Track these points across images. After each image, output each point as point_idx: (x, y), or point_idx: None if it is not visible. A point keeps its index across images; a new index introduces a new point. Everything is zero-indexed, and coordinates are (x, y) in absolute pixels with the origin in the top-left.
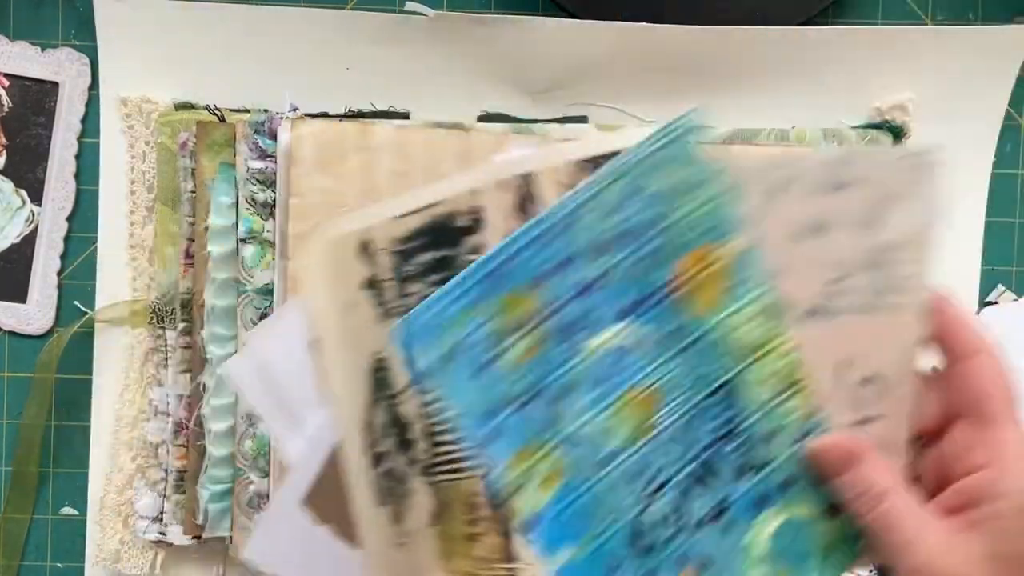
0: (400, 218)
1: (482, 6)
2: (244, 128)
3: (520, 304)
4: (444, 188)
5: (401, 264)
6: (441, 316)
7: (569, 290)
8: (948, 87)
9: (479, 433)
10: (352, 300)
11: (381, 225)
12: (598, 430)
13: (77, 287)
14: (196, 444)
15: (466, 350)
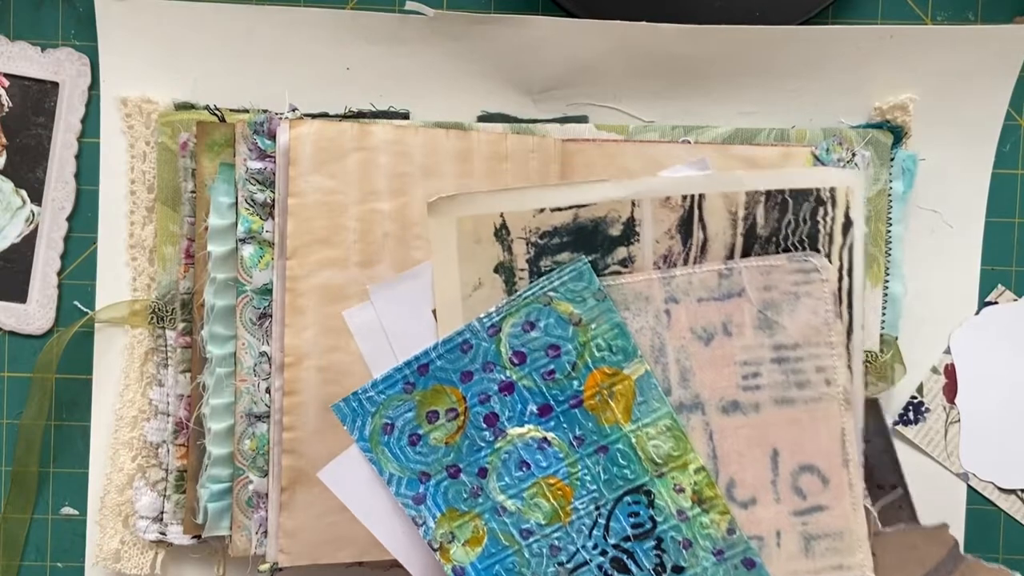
0: (544, 211)
1: (482, 6)
2: (244, 128)
3: (446, 394)
4: (596, 190)
5: (539, 257)
6: (377, 398)
7: (491, 387)
8: (948, 87)
9: (412, 492)
10: (481, 280)
11: (523, 213)
12: (519, 506)
13: (77, 287)
14: (196, 444)
15: (400, 426)
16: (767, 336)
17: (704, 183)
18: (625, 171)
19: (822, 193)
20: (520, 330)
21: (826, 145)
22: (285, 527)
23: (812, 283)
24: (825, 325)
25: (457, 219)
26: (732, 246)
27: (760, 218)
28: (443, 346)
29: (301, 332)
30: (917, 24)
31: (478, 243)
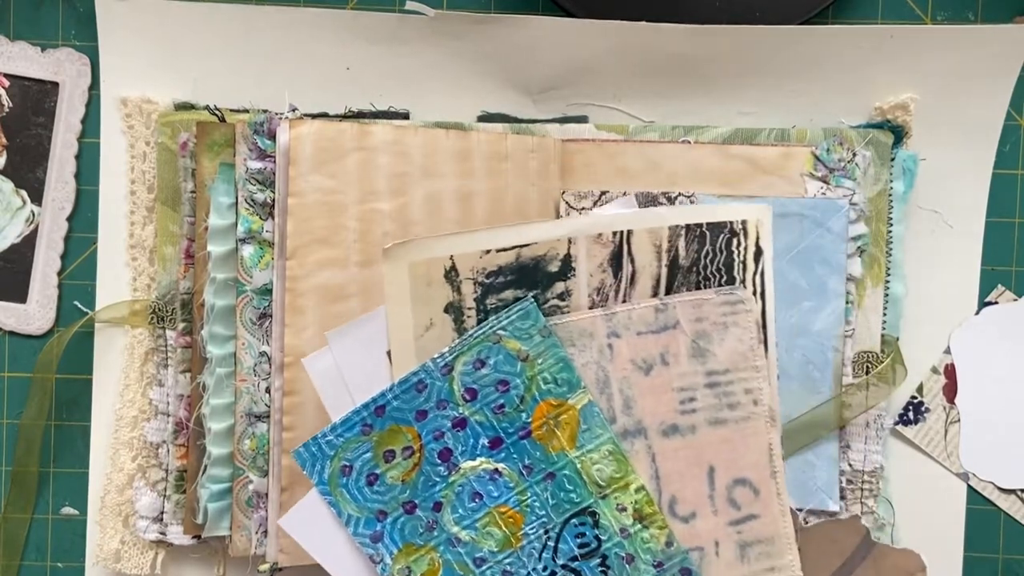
0: (490, 252)
1: (482, 6)
2: (244, 128)
3: (402, 433)
4: (536, 231)
5: (485, 296)
6: (335, 441)
7: (445, 423)
8: (948, 87)
9: (369, 531)
10: (432, 320)
11: (470, 255)
12: (472, 536)
13: (77, 287)
14: (196, 444)
15: (358, 467)
16: (700, 364)
17: (631, 220)
18: (625, 171)
19: (735, 225)
20: (471, 368)
21: (826, 145)
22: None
23: (738, 313)
24: (751, 351)
25: (410, 264)
26: (658, 276)
27: (682, 250)
28: (399, 387)
29: (301, 332)
30: (917, 24)
31: (429, 285)
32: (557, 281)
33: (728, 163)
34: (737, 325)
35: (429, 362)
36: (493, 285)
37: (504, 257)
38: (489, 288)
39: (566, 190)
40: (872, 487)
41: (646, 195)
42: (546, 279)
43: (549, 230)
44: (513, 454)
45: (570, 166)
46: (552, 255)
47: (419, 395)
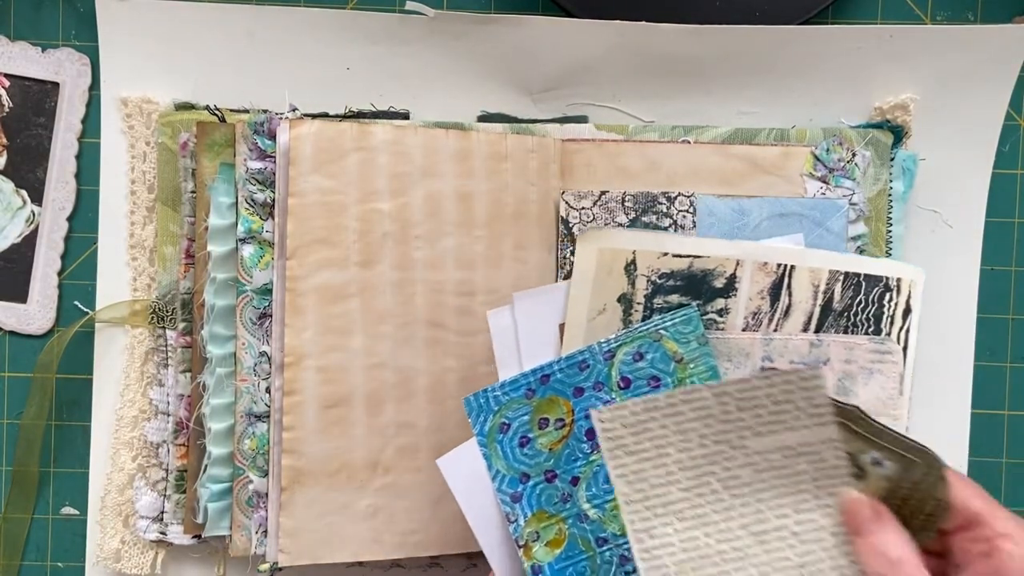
0: (667, 255)
1: (482, 6)
2: (244, 128)
3: (559, 404)
4: (712, 246)
5: (654, 295)
6: (502, 398)
7: (597, 404)
8: (948, 87)
9: (511, 490)
10: (606, 306)
11: (651, 253)
12: (600, 516)
13: (77, 287)
14: (196, 443)
15: (515, 427)
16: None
17: (797, 256)
18: (625, 171)
19: (890, 281)
20: (631, 359)
21: (826, 145)
22: (285, 527)
23: (885, 363)
24: (891, 400)
25: (598, 249)
26: (811, 314)
27: (837, 294)
28: (565, 361)
29: (301, 332)
30: (917, 24)
31: (610, 274)
32: (719, 297)
33: (728, 163)
34: (882, 373)
35: (595, 345)
36: (663, 287)
37: (678, 263)
38: (659, 288)
39: (566, 190)
40: None
41: (646, 195)
42: (710, 292)
43: (723, 248)
44: None
45: (570, 166)
46: (720, 271)
47: (581, 373)
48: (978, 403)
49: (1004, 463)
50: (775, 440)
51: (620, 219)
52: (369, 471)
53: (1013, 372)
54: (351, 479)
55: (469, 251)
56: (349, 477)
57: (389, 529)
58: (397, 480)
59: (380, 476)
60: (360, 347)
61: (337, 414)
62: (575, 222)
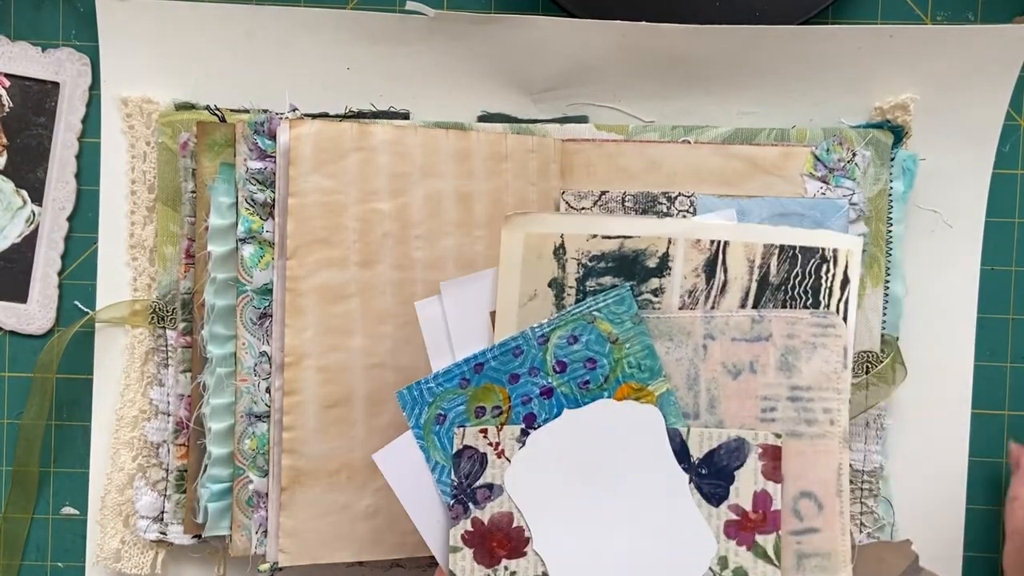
0: (597, 237)
1: (482, 6)
2: (244, 128)
3: (495, 392)
4: (641, 225)
5: (586, 277)
6: (436, 389)
7: (533, 390)
8: (948, 87)
9: (451, 481)
10: (536, 291)
11: (579, 236)
12: None
13: (77, 287)
14: (196, 443)
15: (451, 418)
16: (786, 377)
17: (730, 231)
18: (625, 171)
19: (826, 252)
20: (565, 342)
21: (826, 145)
22: (285, 527)
23: (828, 336)
24: (835, 373)
25: (525, 234)
26: (747, 289)
27: (773, 268)
28: (498, 348)
29: (301, 332)
30: (917, 24)
31: (539, 258)
32: (653, 277)
33: (728, 163)
34: (825, 347)
35: (528, 330)
36: (595, 269)
37: (609, 244)
38: (591, 271)
39: (566, 190)
40: (872, 487)
41: (646, 195)
42: (643, 273)
43: (653, 227)
44: None
45: (570, 166)
46: (652, 251)
47: (515, 359)
48: (978, 403)
49: (1004, 463)
50: None
51: None
52: (369, 471)
53: (1013, 372)
54: (351, 479)
55: (469, 251)
56: (349, 477)
57: (389, 529)
58: None
59: (380, 476)
60: (360, 347)
61: (337, 414)
62: None
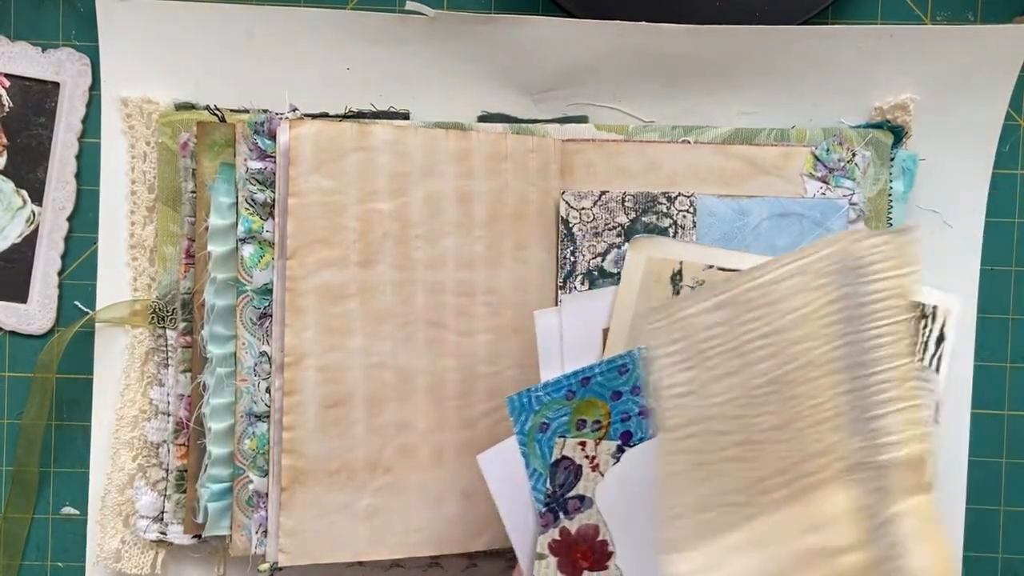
0: (712, 268)
1: (482, 6)
2: (244, 128)
3: (597, 406)
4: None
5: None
6: (543, 398)
7: (633, 408)
8: (948, 87)
9: (546, 489)
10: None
11: (696, 265)
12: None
13: (78, 287)
14: (196, 443)
15: (553, 427)
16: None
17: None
18: (625, 171)
19: (926, 308)
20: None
21: (826, 145)
22: (285, 527)
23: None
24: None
25: (648, 257)
26: None
27: None
28: (606, 364)
29: (301, 332)
30: (917, 24)
31: (656, 282)
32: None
33: (728, 163)
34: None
35: (635, 350)
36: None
37: (721, 276)
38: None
39: (566, 190)
40: None
41: (646, 195)
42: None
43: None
44: None
45: (570, 166)
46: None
47: (620, 377)
48: (978, 403)
49: (1004, 463)
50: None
51: (620, 219)
52: (369, 471)
53: (1013, 372)
54: (351, 479)
55: (469, 251)
56: (349, 477)
57: (389, 529)
58: (397, 480)
59: (380, 476)
60: (360, 347)
61: (337, 414)
62: (575, 222)
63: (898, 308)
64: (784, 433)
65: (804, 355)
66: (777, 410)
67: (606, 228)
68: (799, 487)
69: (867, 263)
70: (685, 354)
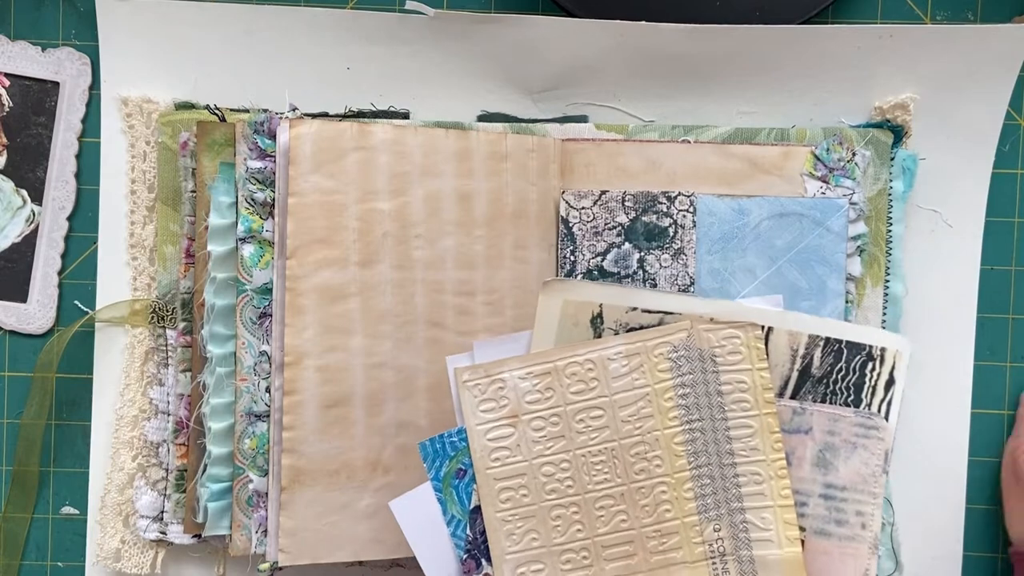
0: (636, 311)
1: (482, 6)
2: (244, 128)
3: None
4: (683, 303)
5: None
6: (458, 444)
7: None
8: (948, 87)
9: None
10: None
11: (618, 308)
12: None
13: (77, 287)
14: (196, 443)
15: (471, 474)
16: (821, 474)
17: (775, 319)
18: (625, 171)
19: (873, 350)
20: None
21: (826, 145)
22: (285, 526)
23: (870, 438)
24: (872, 477)
25: (564, 301)
26: (788, 378)
27: (816, 359)
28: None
29: (301, 332)
30: (917, 24)
31: (575, 326)
32: None
33: (728, 163)
34: (866, 449)
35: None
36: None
37: (647, 319)
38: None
39: (566, 190)
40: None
41: (646, 195)
42: None
43: (696, 305)
44: None
45: (570, 166)
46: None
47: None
48: (978, 403)
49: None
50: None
51: (620, 219)
52: (369, 471)
53: (1013, 372)
54: (351, 479)
55: (469, 251)
56: (349, 477)
57: (389, 529)
58: (397, 480)
59: (380, 476)
60: (360, 347)
61: (337, 414)
62: (575, 222)
63: (752, 402)
64: (623, 503)
65: (641, 432)
66: (613, 480)
67: (606, 228)
68: (656, 562)
69: (718, 354)
70: (505, 412)
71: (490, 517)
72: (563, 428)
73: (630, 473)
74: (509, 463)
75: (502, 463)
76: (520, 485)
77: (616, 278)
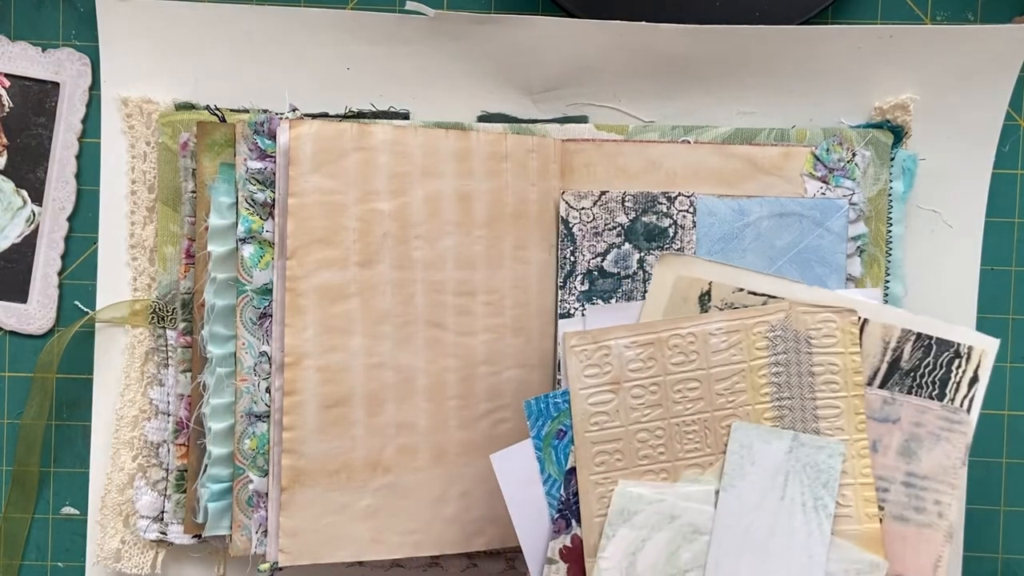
0: (743, 292)
1: (482, 6)
2: (244, 128)
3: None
4: (790, 288)
5: None
6: (562, 405)
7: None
8: (948, 87)
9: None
10: None
11: (726, 287)
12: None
13: (78, 287)
14: (196, 443)
15: (570, 435)
16: (904, 462)
17: (873, 311)
18: (625, 171)
19: (961, 348)
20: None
21: (826, 145)
22: (285, 527)
23: (953, 432)
24: (953, 468)
25: (676, 276)
26: (877, 369)
27: (906, 353)
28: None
29: (301, 332)
30: (917, 24)
31: (684, 301)
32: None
33: (728, 163)
34: (949, 441)
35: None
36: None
37: (751, 300)
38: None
39: (566, 190)
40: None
41: (646, 195)
42: None
43: (800, 292)
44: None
45: (570, 166)
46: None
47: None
48: None
49: (1004, 463)
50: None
51: (620, 219)
52: (369, 471)
53: (1013, 372)
54: (351, 479)
55: (469, 251)
56: (349, 477)
57: (389, 529)
58: (397, 480)
59: (380, 476)
60: (360, 347)
61: (337, 414)
62: (575, 222)
63: (841, 384)
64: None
65: (733, 406)
66: (703, 449)
67: (606, 228)
68: None
69: (813, 336)
70: (608, 379)
71: (584, 479)
72: (661, 397)
73: (720, 444)
74: (607, 428)
75: (600, 427)
76: (615, 450)
77: (616, 279)
